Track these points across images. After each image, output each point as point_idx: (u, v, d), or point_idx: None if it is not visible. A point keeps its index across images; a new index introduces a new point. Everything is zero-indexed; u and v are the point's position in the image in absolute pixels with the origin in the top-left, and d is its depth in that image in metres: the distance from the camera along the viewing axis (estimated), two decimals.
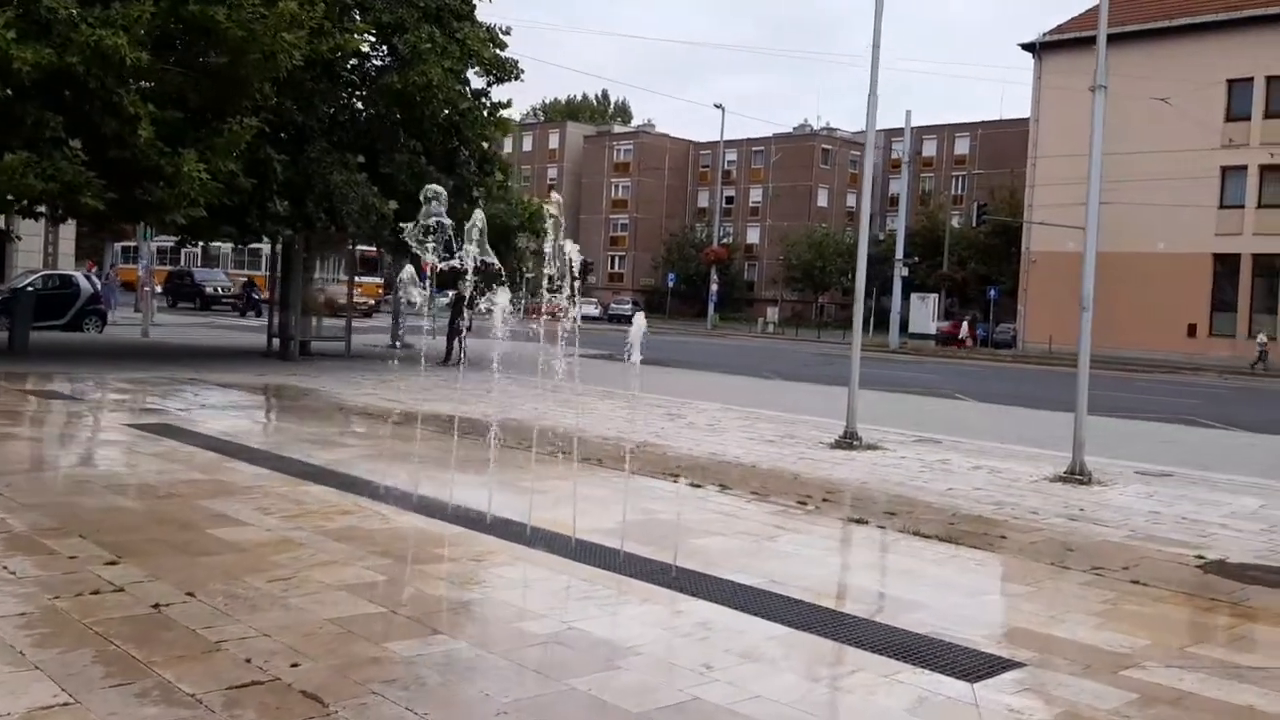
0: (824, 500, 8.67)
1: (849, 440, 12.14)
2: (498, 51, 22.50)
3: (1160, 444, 14.79)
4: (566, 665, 4.47)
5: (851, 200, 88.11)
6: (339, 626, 4.76)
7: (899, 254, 46.81)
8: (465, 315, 22.45)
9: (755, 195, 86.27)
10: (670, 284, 73.66)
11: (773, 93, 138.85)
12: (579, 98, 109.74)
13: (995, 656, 4.86)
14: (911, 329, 51.38)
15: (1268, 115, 42.19)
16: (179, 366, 18.17)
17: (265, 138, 18.55)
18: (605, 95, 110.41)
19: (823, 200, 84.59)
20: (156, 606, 4.95)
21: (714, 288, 61.34)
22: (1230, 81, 42.68)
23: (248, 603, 5.06)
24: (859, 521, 7.92)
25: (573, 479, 9.06)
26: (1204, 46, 42.72)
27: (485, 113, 22.85)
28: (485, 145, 22.37)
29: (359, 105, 22.45)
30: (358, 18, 20.46)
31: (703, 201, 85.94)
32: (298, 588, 5.34)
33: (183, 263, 54.38)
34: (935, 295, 56.33)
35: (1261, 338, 40.29)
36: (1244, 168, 42.71)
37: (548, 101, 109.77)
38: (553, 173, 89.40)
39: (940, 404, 19.66)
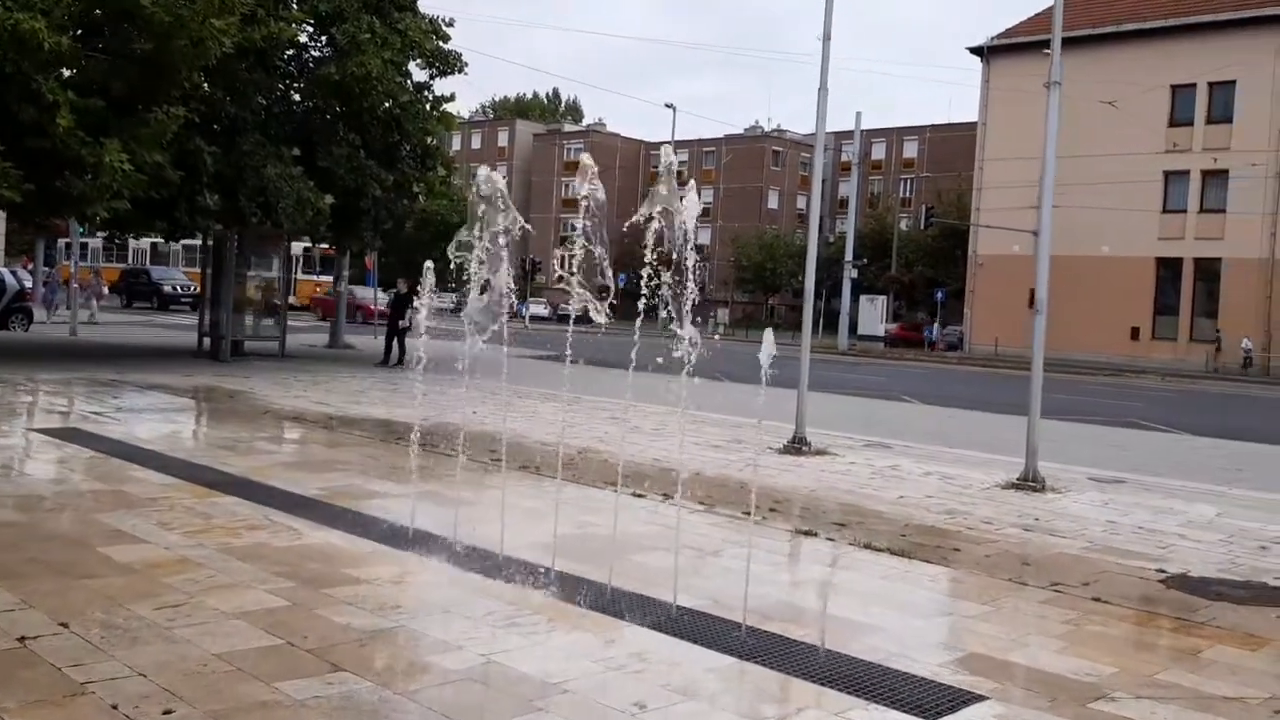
0: (771, 510, 8.26)
1: (797, 445, 11.77)
2: (440, 44, 21.94)
3: (1110, 448, 14.61)
4: (482, 709, 4.00)
5: (802, 202, 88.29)
6: (227, 663, 4.24)
7: (848, 256, 46.75)
8: (407, 315, 21.95)
9: (706, 196, 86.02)
10: (621, 284, 73.06)
11: (724, 94, 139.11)
12: (529, 95, 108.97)
13: (956, 689, 4.46)
14: (860, 331, 51.43)
15: (1209, 121, 42.72)
16: (103, 367, 17.37)
17: (195, 128, 17.84)
18: (556, 94, 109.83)
19: (774, 202, 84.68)
20: (22, 640, 4.39)
21: (665, 289, 60.95)
22: (1174, 87, 43.14)
23: (128, 635, 4.52)
24: (808, 533, 7.51)
25: (506, 488, 8.59)
26: (1149, 52, 43.15)
27: (428, 106, 22.27)
28: (428, 140, 21.76)
29: (296, 97, 21.76)
30: (295, 7, 19.78)
31: None
32: (188, 616, 4.80)
33: (134, 260, 52.83)
34: (884, 297, 56.46)
35: (1246, 342, 40.47)
36: (1186, 173, 43.21)
37: (497, 99, 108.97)
38: (502, 171, 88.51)
39: (889, 407, 19.40)
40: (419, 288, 7.43)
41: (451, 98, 23.22)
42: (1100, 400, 24.13)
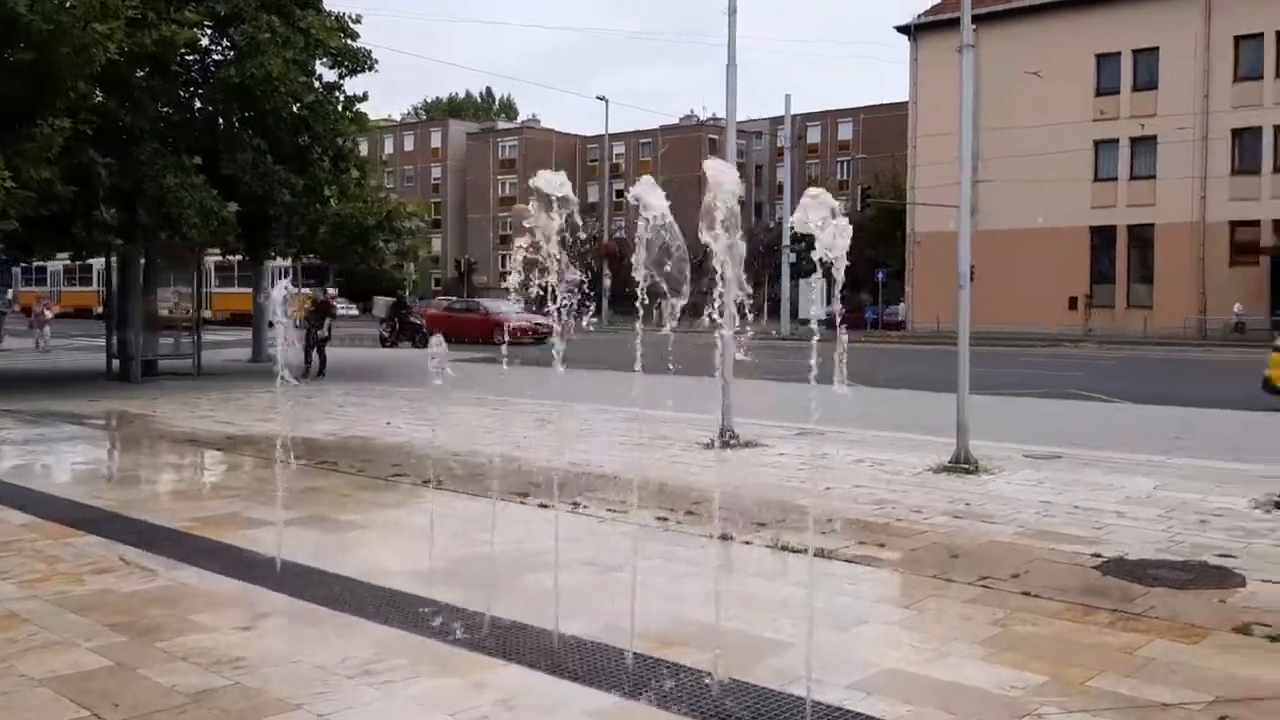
0: (688, 513, 7.73)
1: (725, 439, 11.26)
2: (349, 42, 21.15)
3: (1047, 421, 14.30)
4: None
5: (741, 190, 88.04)
6: None
7: (785, 241, 46.50)
8: (325, 324, 21.19)
9: None
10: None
11: (660, 86, 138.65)
12: (462, 95, 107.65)
13: (866, 718, 3.95)
14: (801, 315, 51.23)
15: (1135, 88, 42.96)
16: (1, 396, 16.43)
17: (88, 140, 16.92)
18: (489, 92, 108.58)
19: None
20: None
21: (606, 284, 60.28)
22: (1099, 56, 43.32)
23: None
24: (724, 537, 6.98)
25: (403, 508, 7.98)
26: (1073, 23, 43.30)
27: (339, 107, 21.47)
28: (339, 141, 20.96)
29: (197, 103, 20.86)
30: (189, 9, 18.88)
31: (593, 196, 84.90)
32: None
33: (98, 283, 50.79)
34: (823, 280, 56.30)
35: (1238, 307, 40.26)
36: (1116, 141, 43.45)
37: (429, 100, 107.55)
38: (436, 172, 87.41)
39: (827, 391, 18.96)
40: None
41: (364, 97, 22.41)
42: (1040, 372, 23.97)
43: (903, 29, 49.68)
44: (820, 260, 4.04)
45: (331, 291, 36.82)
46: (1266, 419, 13.14)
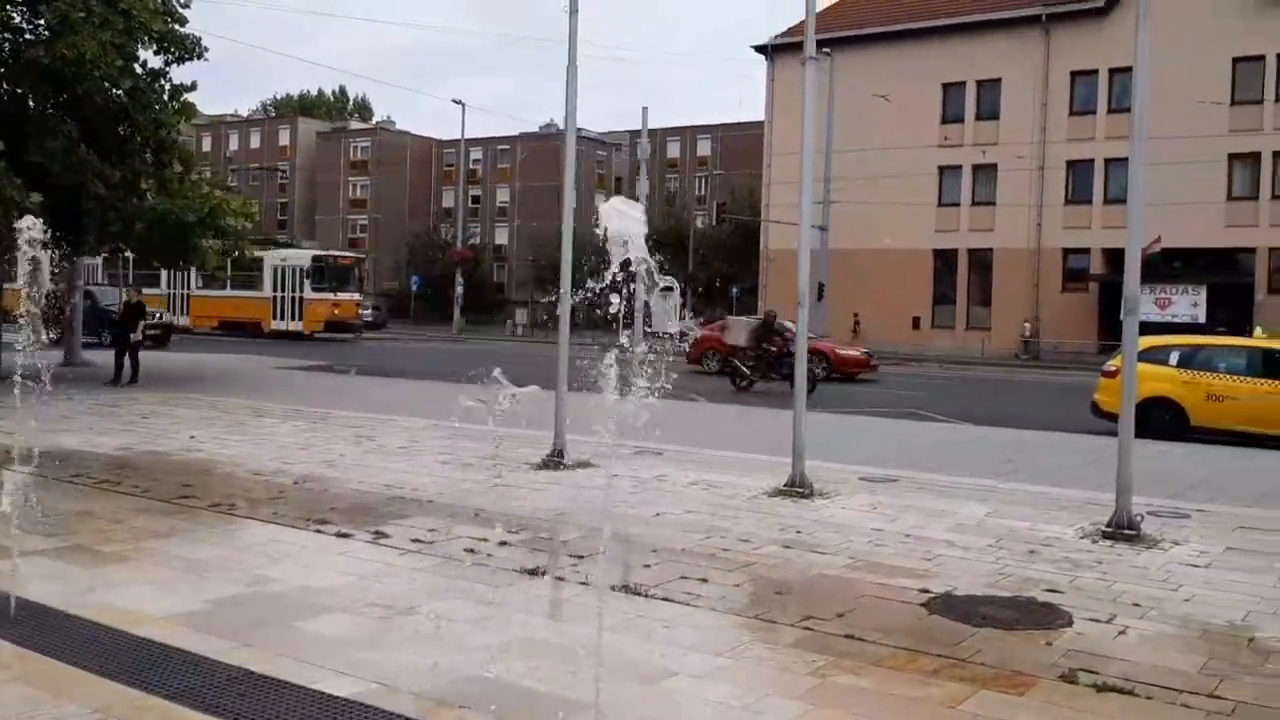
0: (502, 543, 7.12)
1: (557, 459, 10.70)
2: (175, 26, 19.77)
3: (885, 441, 14.24)
4: None
5: (600, 200, 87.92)
6: None
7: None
8: (139, 328, 19.75)
9: (503, 195, 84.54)
10: (415, 287, 70.65)
11: (520, 93, 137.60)
12: (314, 93, 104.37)
13: None
14: (655, 328, 51.24)
15: (979, 117, 44.42)
16: None
17: None
18: (343, 91, 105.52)
19: (571, 199, 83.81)
20: None
21: (459, 290, 59.04)
22: (945, 85, 44.65)
23: None
24: (536, 572, 6.42)
25: (180, 536, 7.14)
26: (923, 51, 44.51)
27: (165, 96, 20.06)
28: (161, 132, 19.54)
29: (4, 84, 19.16)
30: None
31: (448, 201, 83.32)
32: None
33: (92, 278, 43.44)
34: (677, 294, 56.47)
35: (1026, 327, 42.15)
36: (959, 167, 44.81)
37: (279, 97, 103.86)
38: (284, 169, 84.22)
39: (675, 407, 18.64)
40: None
41: (192, 86, 20.98)
42: (881, 390, 24.24)
43: (760, 49, 50.26)
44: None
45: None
46: (1096, 442, 13.34)
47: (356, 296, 45.95)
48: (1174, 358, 15.36)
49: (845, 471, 10.62)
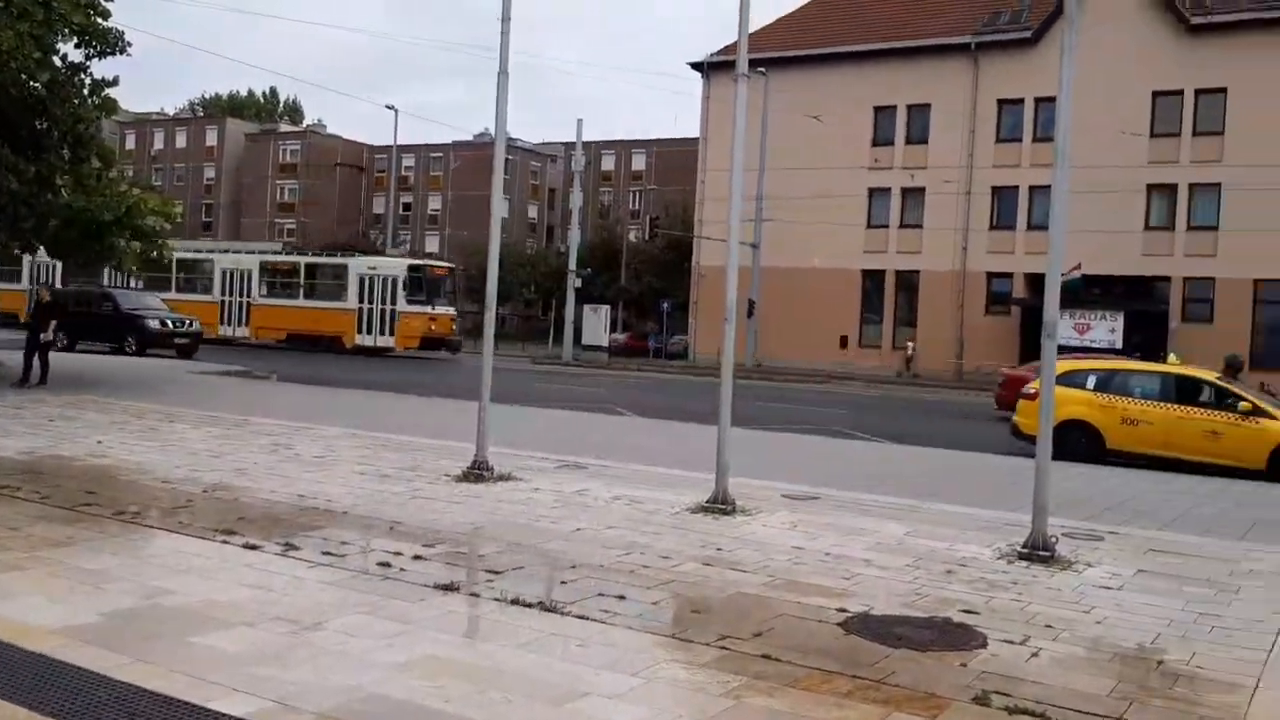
0: (417, 558, 6.96)
1: (478, 471, 10.52)
2: (98, 20, 19.22)
3: (810, 459, 14.29)
4: None
5: (534, 211, 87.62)
6: None
7: (572, 265, 46.26)
8: (50, 328, 19.12)
9: (434, 203, 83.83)
10: None
11: (455, 101, 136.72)
12: (244, 93, 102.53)
13: None
14: (585, 341, 51.10)
15: (908, 141, 45.13)
16: None
17: None
18: (274, 92, 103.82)
19: (503, 210, 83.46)
20: None
21: None
22: (876, 108, 45.31)
23: None
24: (449, 588, 6.27)
25: (78, 545, 6.85)
26: (855, 75, 45.11)
27: (85, 90, 19.48)
28: (81, 127, 18.95)
29: None
30: None
31: (379, 208, 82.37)
32: None
33: (45, 279, 37.49)
34: (606, 307, 56.46)
35: (910, 346, 43.19)
36: (888, 189, 45.46)
37: (208, 96, 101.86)
38: (210, 172, 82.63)
39: (601, 420, 18.53)
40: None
41: (114, 81, 20.42)
42: (808, 408, 24.41)
43: (696, 65, 50.56)
44: None
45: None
46: (1015, 464, 13.54)
47: (453, 311, 40.88)
48: (1091, 382, 15.66)
49: (769, 488, 10.61)
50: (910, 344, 43.58)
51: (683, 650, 5.33)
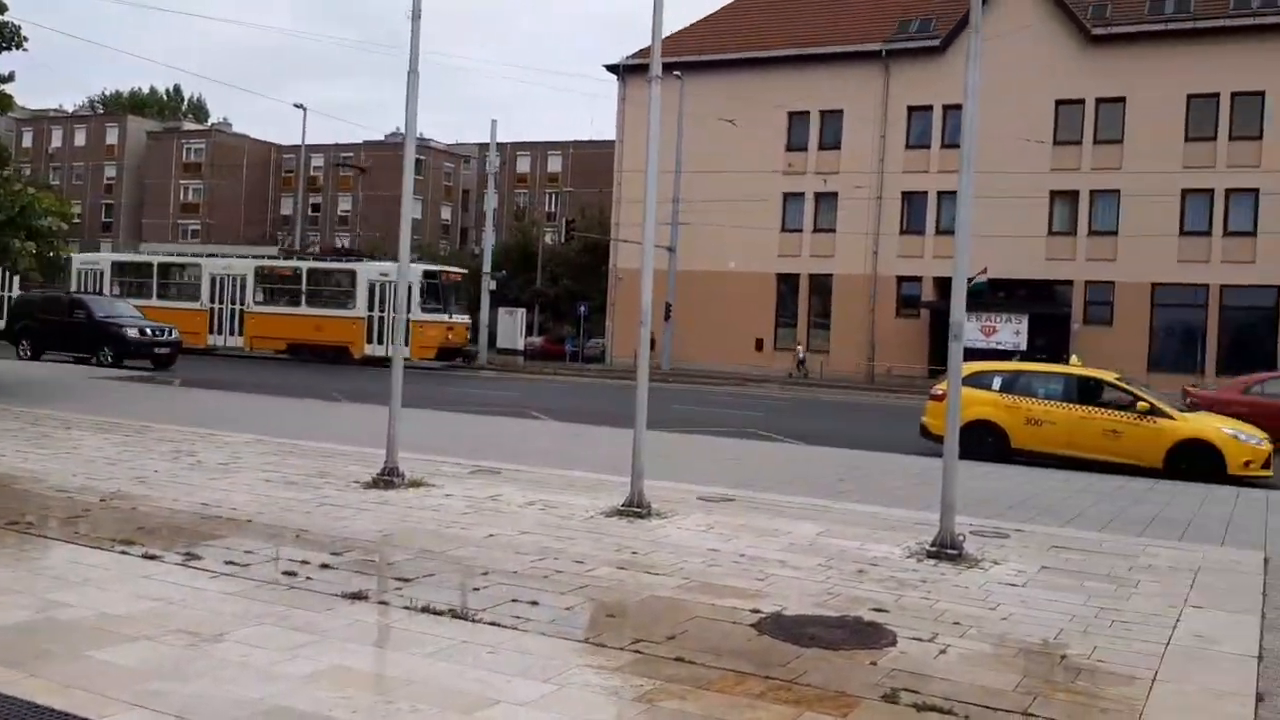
0: (324, 566, 6.80)
1: (388, 477, 10.33)
2: None
3: (724, 461, 14.37)
4: None
5: (447, 213, 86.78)
6: None
7: (486, 268, 45.88)
8: None
9: (345, 204, 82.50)
10: None
11: (364, 99, 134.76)
12: (146, 90, 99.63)
13: None
14: (500, 344, 50.73)
15: (821, 146, 45.76)
16: None
17: None
18: (177, 90, 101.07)
19: (416, 211, 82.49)
20: None
21: None
22: (790, 114, 45.85)
23: None
24: (356, 596, 6.13)
25: None
26: (770, 80, 45.61)
27: None
28: None
29: None
30: None
31: (286, 208, 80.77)
32: None
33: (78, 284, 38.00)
34: (522, 310, 56.17)
35: (800, 351, 43.90)
36: (802, 194, 46.03)
37: (108, 93, 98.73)
38: (110, 171, 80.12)
39: (516, 424, 18.40)
40: None
41: (10, 77, 19.73)
42: (723, 410, 24.57)
43: (612, 68, 50.59)
44: None
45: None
46: (925, 463, 13.79)
47: (468, 319, 39.86)
48: (997, 383, 16.04)
49: (684, 491, 10.63)
50: (799, 346, 44.27)
51: (596, 655, 5.29)
